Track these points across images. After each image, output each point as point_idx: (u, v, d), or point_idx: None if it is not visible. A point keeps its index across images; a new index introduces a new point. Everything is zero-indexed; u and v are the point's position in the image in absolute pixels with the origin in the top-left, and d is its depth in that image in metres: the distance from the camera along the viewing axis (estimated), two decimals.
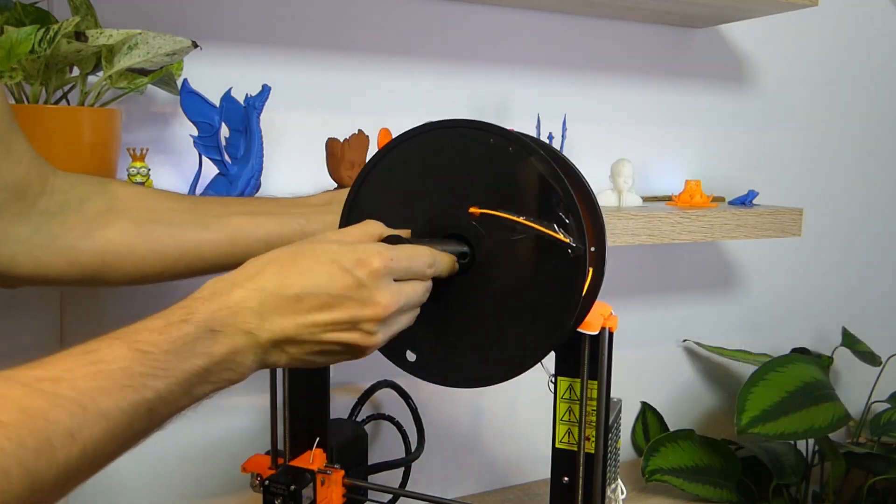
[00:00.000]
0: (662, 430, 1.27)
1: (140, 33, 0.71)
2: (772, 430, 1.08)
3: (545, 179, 0.55)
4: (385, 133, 0.82)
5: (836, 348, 1.38)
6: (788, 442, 1.26)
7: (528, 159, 0.55)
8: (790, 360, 1.19)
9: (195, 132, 0.80)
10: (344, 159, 0.84)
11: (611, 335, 0.65)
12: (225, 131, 0.81)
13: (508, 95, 1.09)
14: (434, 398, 1.08)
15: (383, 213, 0.59)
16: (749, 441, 1.24)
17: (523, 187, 0.56)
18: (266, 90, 0.80)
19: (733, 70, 1.28)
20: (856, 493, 1.25)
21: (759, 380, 1.13)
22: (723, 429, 1.32)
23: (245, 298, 0.46)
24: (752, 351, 1.33)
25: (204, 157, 0.82)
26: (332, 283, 0.48)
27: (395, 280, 0.51)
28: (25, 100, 0.71)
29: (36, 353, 0.40)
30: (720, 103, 1.28)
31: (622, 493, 0.72)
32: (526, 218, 0.55)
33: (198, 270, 0.64)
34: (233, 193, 0.81)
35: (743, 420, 1.09)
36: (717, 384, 1.37)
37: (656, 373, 1.30)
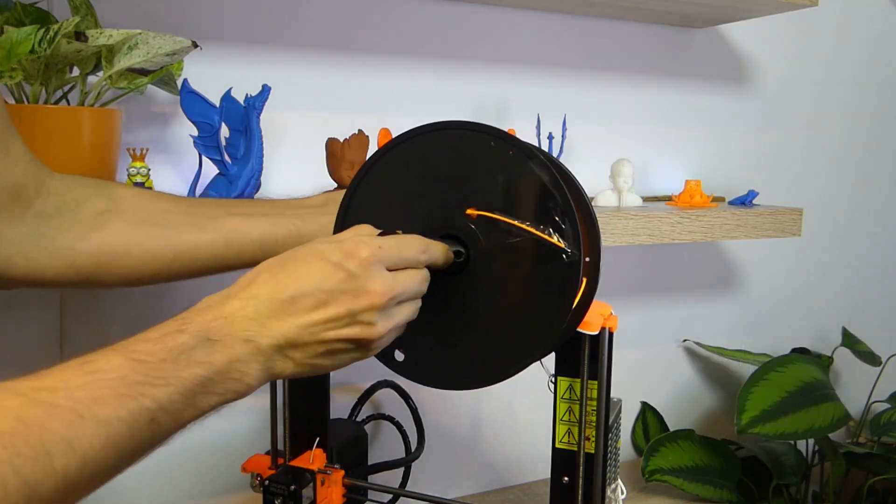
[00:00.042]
0: (662, 430, 1.27)
1: (140, 33, 0.71)
2: (772, 430, 1.08)
3: (544, 184, 0.54)
4: (385, 133, 0.82)
5: (836, 348, 1.38)
6: (788, 442, 1.26)
7: (528, 164, 0.55)
8: (790, 360, 1.19)
9: (195, 132, 0.80)
10: (344, 159, 0.84)
11: (611, 335, 0.65)
12: (225, 131, 0.81)
13: (508, 95, 1.09)
14: (434, 398, 1.08)
15: (380, 213, 0.59)
16: (749, 441, 1.24)
17: (521, 191, 0.55)
18: (266, 90, 0.80)
19: (733, 70, 1.28)
20: (856, 493, 1.25)
21: (759, 380, 1.13)
22: (723, 429, 1.32)
23: (240, 307, 0.47)
24: (752, 351, 1.33)
25: (204, 157, 0.81)
26: (324, 280, 0.48)
27: (388, 269, 0.50)
28: (25, 100, 0.71)
29: (36, 353, 0.40)
30: (720, 103, 1.28)
31: (622, 493, 0.73)
32: (522, 222, 0.55)
33: (193, 272, 0.63)
34: (233, 193, 0.80)
35: (743, 420, 1.09)
36: (717, 384, 1.37)
37: (656, 373, 1.30)
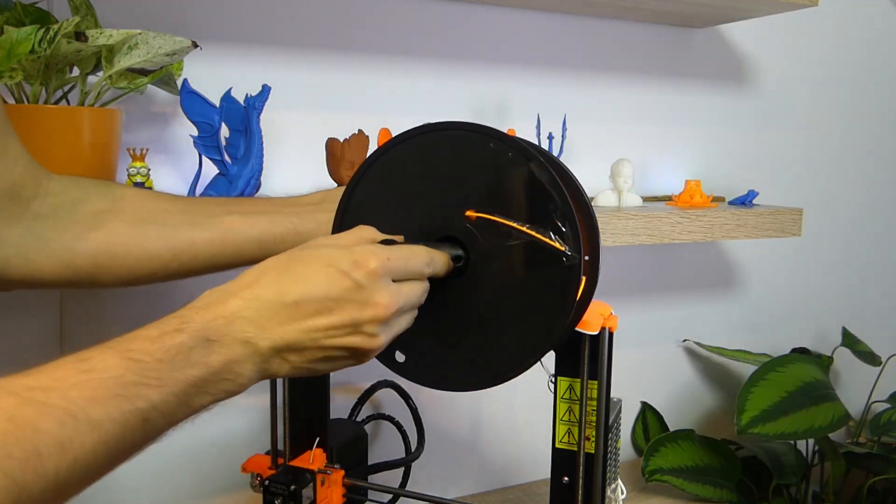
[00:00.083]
0: (662, 430, 1.27)
1: (140, 33, 0.71)
2: (772, 430, 1.08)
3: (543, 186, 0.54)
4: (385, 133, 0.82)
5: (836, 348, 1.38)
6: (788, 442, 1.26)
7: (528, 165, 0.54)
8: (790, 360, 1.19)
9: (195, 132, 0.80)
10: (344, 159, 0.84)
11: (611, 335, 0.65)
12: (225, 131, 0.81)
13: (508, 95, 1.09)
14: (434, 398, 1.08)
15: (379, 212, 0.58)
16: (749, 441, 1.24)
17: (521, 193, 0.55)
18: (266, 90, 0.80)
19: (733, 70, 1.28)
20: (856, 493, 1.25)
21: (759, 380, 1.13)
22: (723, 429, 1.32)
23: (241, 307, 0.46)
24: (752, 351, 1.32)
25: (204, 157, 0.81)
26: (330, 287, 0.47)
27: (393, 280, 0.50)
28: (25, 100, 0.71)
29: (36, 353, 0.40)
30: (720, 103, 1.28)
31: (622, 493, 0.72)
32: (522, 224, 0.55)
33: (192, 271, 0.63)
34: (233, 193, 0.80)
35: (743, 420, 1.09)
36: (717, 384, 1.37)
37: (656, 373, 1.30)
